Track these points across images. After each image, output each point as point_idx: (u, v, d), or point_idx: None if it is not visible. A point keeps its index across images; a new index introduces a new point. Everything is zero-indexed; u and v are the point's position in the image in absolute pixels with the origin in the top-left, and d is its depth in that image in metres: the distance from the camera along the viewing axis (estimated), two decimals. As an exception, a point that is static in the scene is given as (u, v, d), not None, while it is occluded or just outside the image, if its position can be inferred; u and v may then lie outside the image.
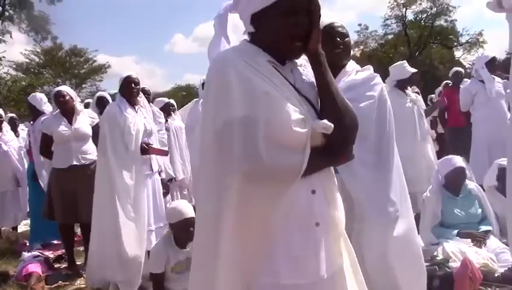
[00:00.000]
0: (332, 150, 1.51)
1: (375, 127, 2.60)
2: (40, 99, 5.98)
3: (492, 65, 6.06)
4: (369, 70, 2.72)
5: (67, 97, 4.88)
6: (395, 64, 6.02)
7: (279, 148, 1.40)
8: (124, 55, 67.43)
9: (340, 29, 2.66)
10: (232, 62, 1.46)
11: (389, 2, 35.46)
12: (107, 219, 4.14)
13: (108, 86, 39.92)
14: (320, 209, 1.50)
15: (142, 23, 62.27)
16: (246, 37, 1.61)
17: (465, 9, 49.13)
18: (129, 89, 4.39)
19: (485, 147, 5.94)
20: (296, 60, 1.60)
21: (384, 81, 6.09)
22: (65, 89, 5.08)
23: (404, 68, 5.69)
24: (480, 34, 34.22)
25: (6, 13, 27.37)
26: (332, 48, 2.56)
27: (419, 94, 6.12)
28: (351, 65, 2.71)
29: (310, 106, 1.52)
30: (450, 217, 4.15)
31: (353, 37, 35.52)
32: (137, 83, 4.43)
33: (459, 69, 7.77)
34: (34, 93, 6.44)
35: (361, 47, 37.19)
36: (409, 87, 5.87)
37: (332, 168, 1.61)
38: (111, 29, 57.39)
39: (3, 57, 27.59)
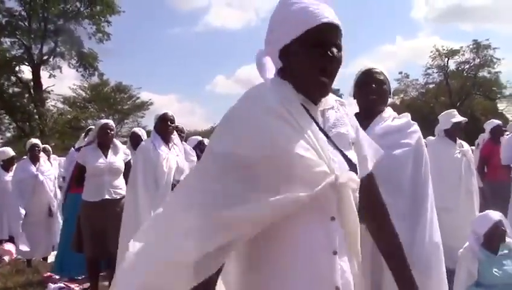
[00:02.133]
0: None
1: (410, 176, 2.53)
2: None
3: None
4: (406, 117, 2.68)
5: (113, 132, 5.04)
6: (445, 112, 5.81)
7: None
8: (166, 93, 69.11)
9: (377, 75, 2.63)
10: (260, 104, 1.41)
11: (431, 52, 35.49)
12: None
13: (150, 123, 40.58)
14: (342, 271, 1.39)
15: (185, 63, 63.82)
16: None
17: (509, 61, 48.55)
18: (165, 127, 4.46)
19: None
20: (329, 102, 1.53)
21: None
22: (111, 123, 5.25)
23: (450, 117, 5.53)
24: (525, 87, 33.68)
25: (58, 49, 28.85)
26: (367, 94, 2.57)
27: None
28: (388, 111, 2.65)
29: (337, 151, 1.44)
30: (487, 276, 3.92)
31: (393, 85, 35.36)
32: (172, 121, 4.50)
33: (498, 122, 7.54)
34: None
35: (401, 95, 37.00)
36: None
37: None
38: (155, 68, 58.81)
39: (52, 90, 28.91)
